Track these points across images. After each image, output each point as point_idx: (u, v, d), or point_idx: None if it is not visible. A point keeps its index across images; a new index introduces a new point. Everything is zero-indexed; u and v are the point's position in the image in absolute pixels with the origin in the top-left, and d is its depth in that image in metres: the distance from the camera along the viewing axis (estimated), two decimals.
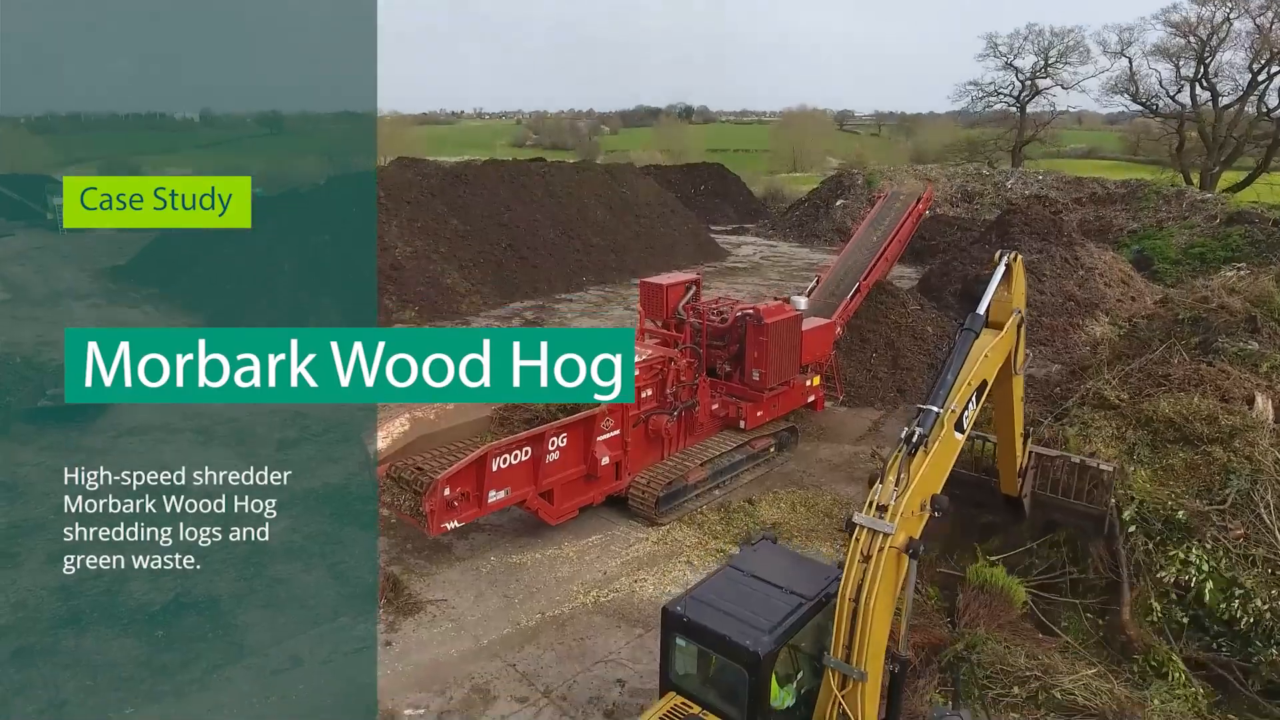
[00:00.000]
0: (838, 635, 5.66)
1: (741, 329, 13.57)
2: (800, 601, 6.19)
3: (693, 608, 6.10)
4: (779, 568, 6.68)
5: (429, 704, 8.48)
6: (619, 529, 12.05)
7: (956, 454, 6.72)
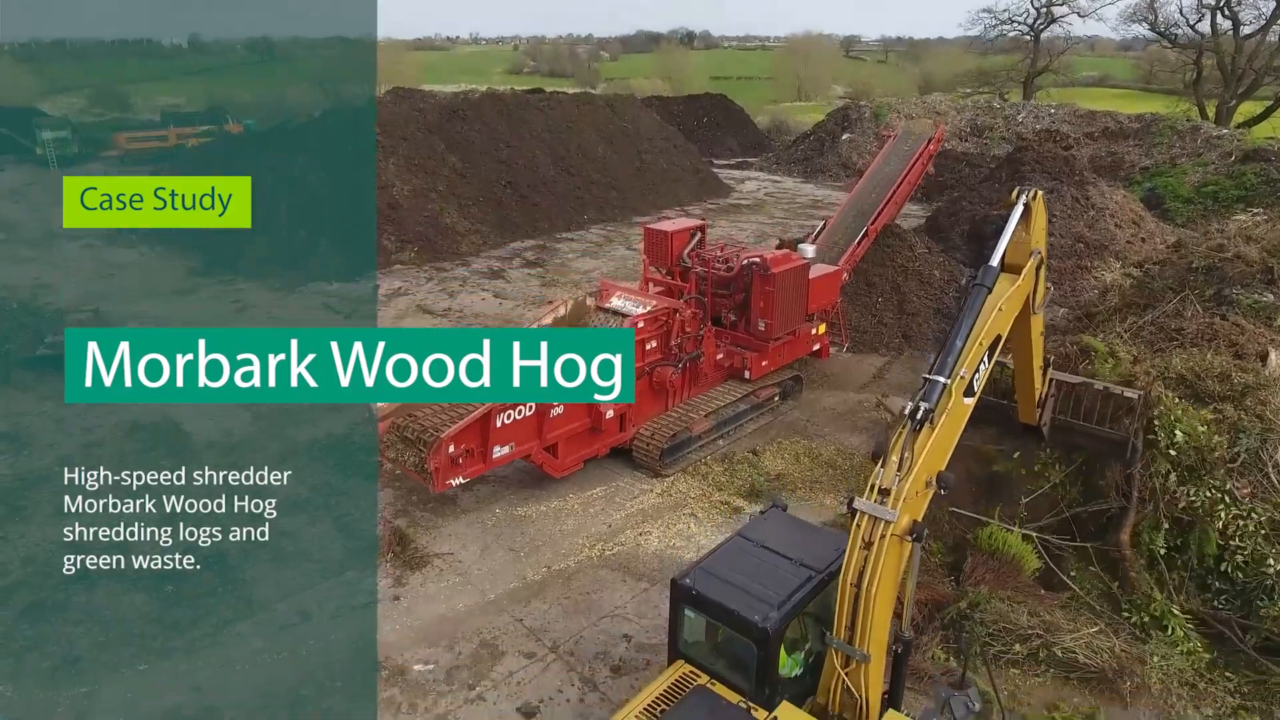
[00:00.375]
0: (840, 618, 5.65)
1: (747, 278, 13.33)
2: (809, 574, 6.18)
3: (702, 580, 6.09)
4: (789, 538, 6.64)
5: (438, 659, 8.60)
6: (623, 481, 12.07)
7: (965, 421, 6.58)
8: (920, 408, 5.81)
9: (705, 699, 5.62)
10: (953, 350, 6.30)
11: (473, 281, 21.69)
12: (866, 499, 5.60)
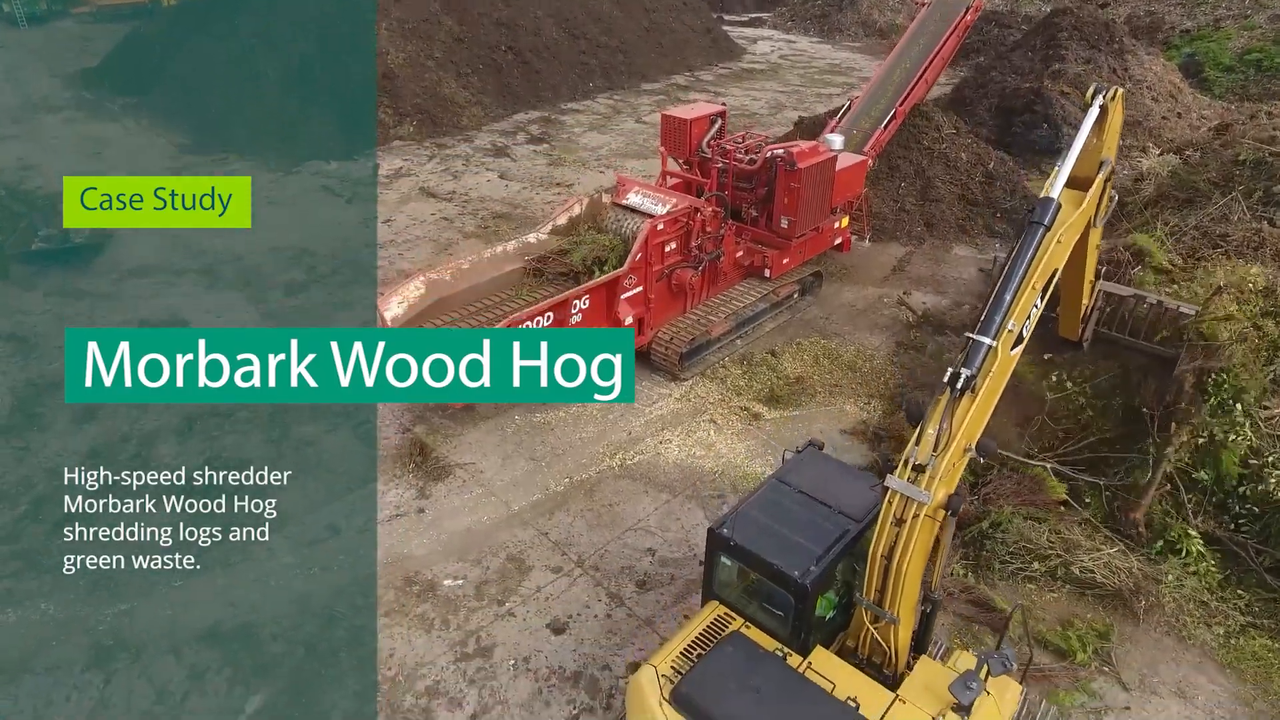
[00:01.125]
0: (870, 584, 5.61)
1: (771, 172, 12.68)
2: (848, 525, 6.12)
3: (740, 529, 6.03)
4: (826, 482, 6.55)
5: (466, 574, 8.77)
6: (641, 385, 11.95)
7: (1009, 374, 6.25)
8: (961, 375, 5.48)
9: (742, 645, 5.70)
10: (1001, 305, 5.84)
11: (476, 160, 20.78)
12: (899, 476, 5.39)
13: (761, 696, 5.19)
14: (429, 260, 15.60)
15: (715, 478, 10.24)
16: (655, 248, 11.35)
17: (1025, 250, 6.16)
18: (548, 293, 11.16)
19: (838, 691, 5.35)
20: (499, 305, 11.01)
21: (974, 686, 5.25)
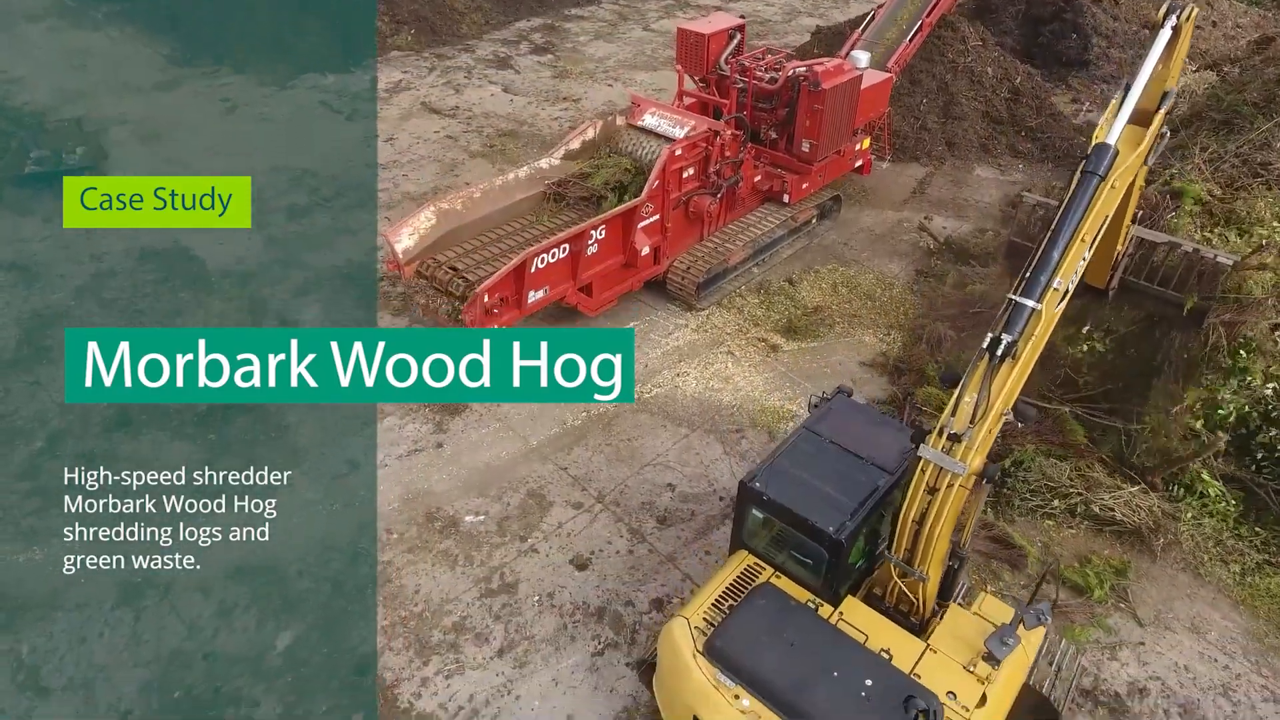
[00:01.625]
0: (899, 543, 5.56)
1: (793, 92, 12.11)
2: (880, 476, 6.04)
3: (772, 483, 5.97)
4: (856, 431, 6.45)
5: (488, 510, 8.80)
6: (657, 315, 11.77)
7: (1050, 332, 5.98)
8: (1002, 341, 5.24)
9: (773, 597, 5.71)
10: (1048, 264, 5.51)
11: (478, 72, 19.94)
12: (933, 446, 5.25)
13: (795, 649, 5.23)
14: (434, 181, 15.16)
15: (733, 411, 10.17)
16: (673, 174, 10.95)
17: (1078, 203, 5.78)
18: (568, 218, 10.84)
19: (870, 643, 5.39)
20: (513, 235, 10.70)
21: (1010, 642, 5.28)
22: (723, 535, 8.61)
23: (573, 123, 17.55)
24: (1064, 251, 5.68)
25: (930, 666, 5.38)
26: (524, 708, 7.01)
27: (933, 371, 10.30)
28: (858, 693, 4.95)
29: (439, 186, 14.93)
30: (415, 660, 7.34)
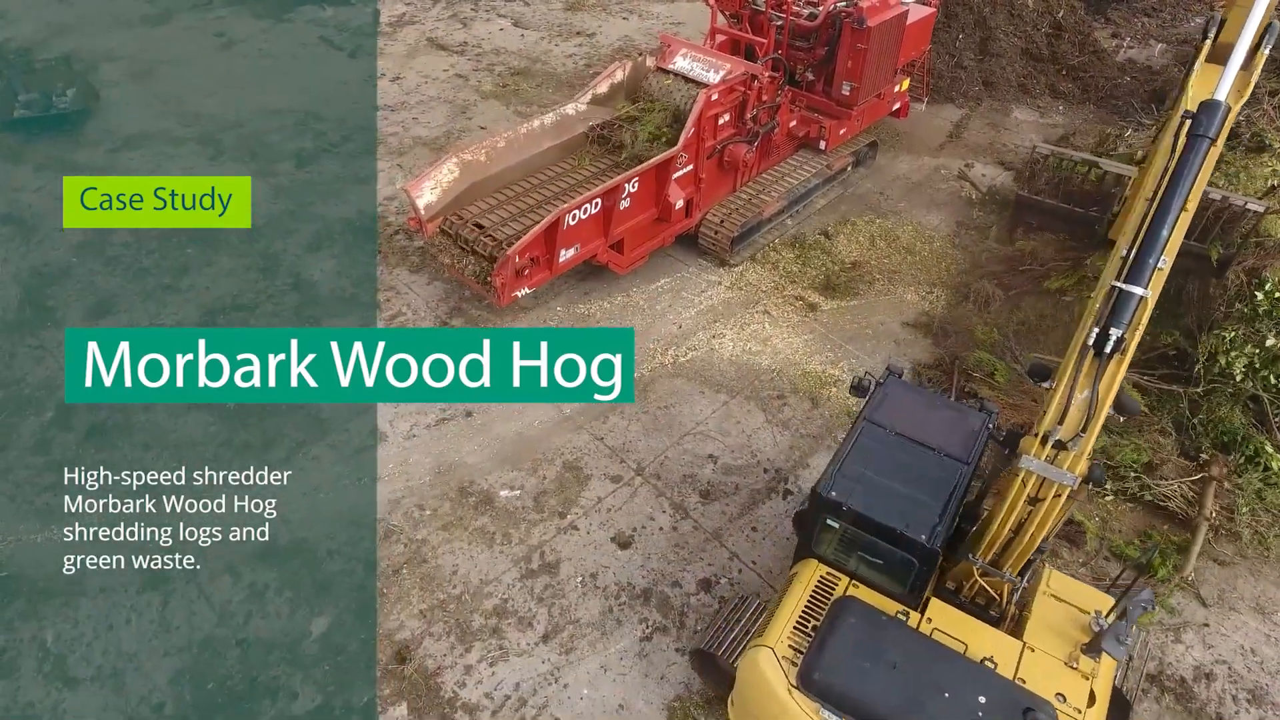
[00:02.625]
0: (988, 548, 5.17)
1: (834, 30, 11.30)
2: (956, 467, 5.63)
3: (848, 490, 5.46)
4: (919, 418, 5.98)
5: (523, 484, 8.43)
6: (689, 270, 11.22)
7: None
8: (1111, 335, 4.72)
9: (862, 614, 5.29)
10: (1155, 244, 4.90)
11: (485, 4, 18.82)
12: (1036, 455, 4.79)
13: (898, 670, 4.89)
14: (445, 125, 14.37)
15: (773, 376, 9.73)
16: (708, 121, 10.25)
17: (1186, 172, 5.11)
18: (612, 160, 10.31)
19: (970, 652, 5.06)
20: (539, 188, 10.07)
21: (1126, 641, 4.97)
22: (769, 510, 8.28)
23: (588, 59, 16.64)
24: (1172, 230, 5.12)
25: (1033, 668, 5.07)
26: (573, 696, 6.76)
27: (982, 334, 9.83)
28: (974, 711, 4.63)
29: (451, 131, 14.16)
30: (457, 647, 7.06)
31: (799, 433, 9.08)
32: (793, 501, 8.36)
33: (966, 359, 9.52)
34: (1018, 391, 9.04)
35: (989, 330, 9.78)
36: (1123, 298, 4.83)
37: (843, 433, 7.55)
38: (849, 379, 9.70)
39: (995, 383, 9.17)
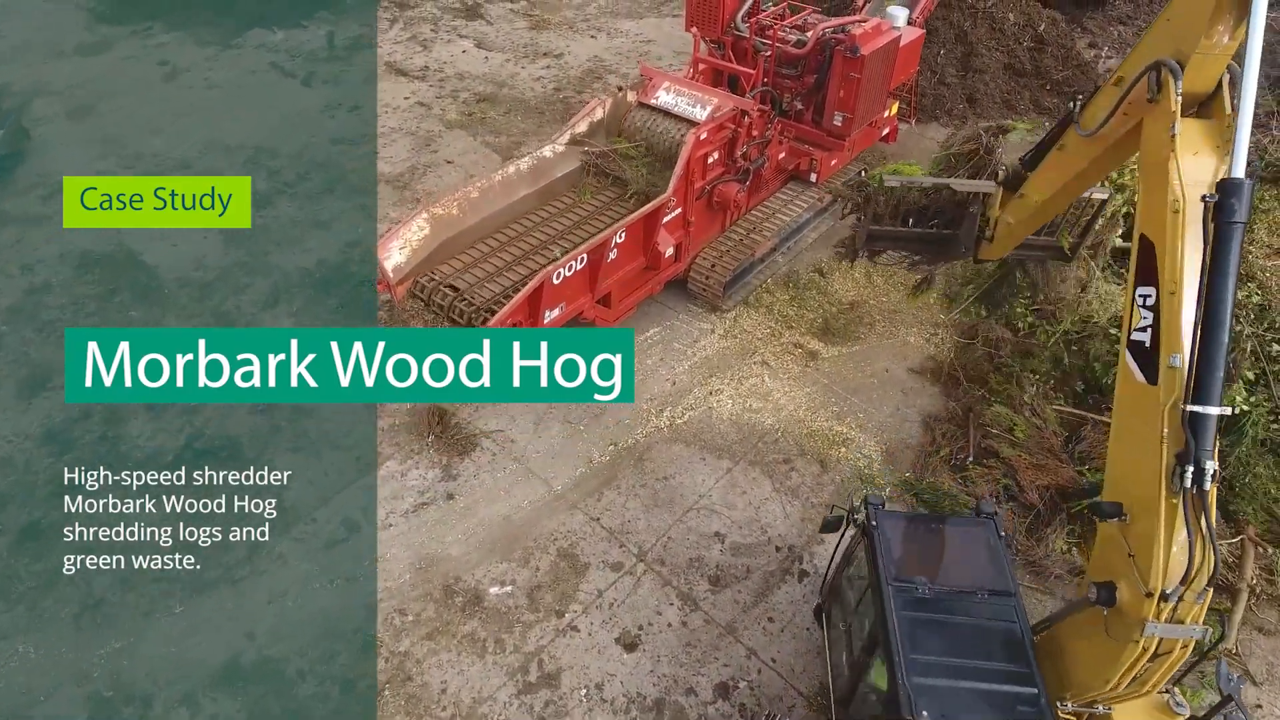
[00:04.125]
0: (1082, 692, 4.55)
1: (824, 58, 10.66)
2: (1011, 605, 4.98)
3: (929, 702, 4.68)
4: (933, 552, 5.33)
5: (514, 577, 7.66)
6: (678, 319, 10.51)
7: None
8: (1206, 468, 4.08)
9: None
10: (1218, 355, 4.15)
11: (445, 24, 17.94)
12: (1154, 616, 4.15)
13: None
14: (410, 159, 13.49)
15: (778, 437, 9.07)
16: (698, 162, 9.56)
17: (1228, 266, 4.22)
18: (614, 194, 9.88)
19: None
20: (517, 240, 9.29)
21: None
22: (784, 595, 7.61)
23: (557, 82, 15.86)
24: (1231, 330, 4.43)
25: None
26: None
27: (997, 383, 9.25)
28: None
29: (415, 165, 13.29)
30: None
31: (809, 502, 8.43)
32: (809, 584, 7.71)
33: (983, 413, 8.93)
34: (1040, 450, 8.48)
35: (1004, 380, 9.21)
36: (1201, 422, 4.16)
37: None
38: (857, 436, 9.15)
39: (1015, 439, 8.60)
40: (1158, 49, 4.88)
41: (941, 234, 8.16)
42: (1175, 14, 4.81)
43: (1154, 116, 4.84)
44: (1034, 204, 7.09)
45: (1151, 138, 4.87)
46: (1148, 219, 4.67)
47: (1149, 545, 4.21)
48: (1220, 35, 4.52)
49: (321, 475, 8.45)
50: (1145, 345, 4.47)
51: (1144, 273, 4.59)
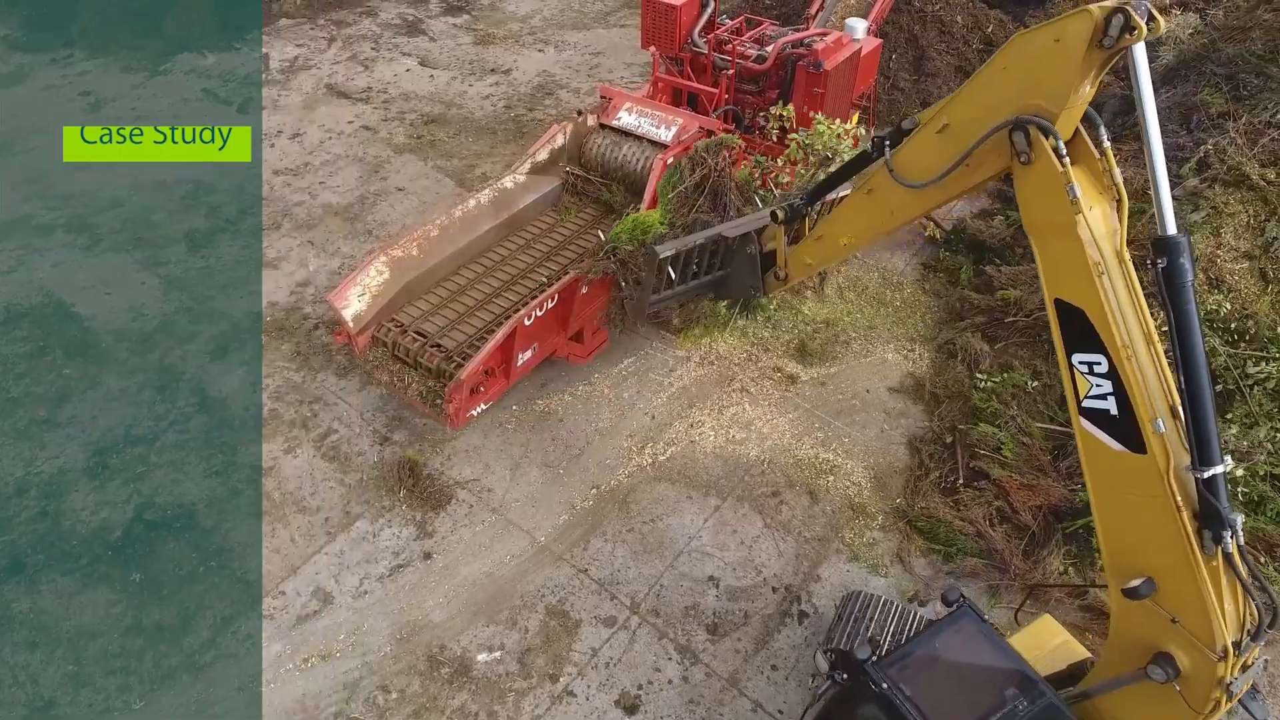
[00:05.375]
0: None
1: (785, 73, 10.44)
2: (1036, 688, 4.73)
3: None
4: (974, 687, 4.94)
5: (502, 641, 7.25)
6: (651, 347, 10.18)
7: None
8: (1234, 527, 3.90)
9: None
10: (1209, 413, 4.00)
11: (387, 42, 17.30)
12: (1232, 674, 4.00)
13: None
14: (358, 188, 12.89)
15: (764, 468, 8.81)
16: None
17: (1191, 323, 4.05)
18: (592, 213, 9.58)
19: None
20: (484, 278, 8.87)
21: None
22: (786, 640, 7.35)
23: (507, 100, 15.38)
24: (1212, 389, 4.25)
25: None
26: None
27: (979, 400, 9.12)
28: None
29: (365, 195, 12.71)
30: None
31: (802, 536, 8.18)
32: (809, 625, 7.45)
33: (969, 433, 8.79)
34: (1030, 469, 8.37)
35: (986, 397, 9.09)
36: (1213, 482, 4.00)
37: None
38: (844, 463, 8.94)
39: (1004, 458, 8.48)
40: (1001, 102, 4.51)
41: (724, 275, 7.73)
42: (1020, 66, 4.41)
43: (1032, 178, 4.46)
44: (840, 246, 6.45)
45: (1036, 200, 4.48)
46: (1059, 283, 4.36)
47: (1193, 608, 4.04)
48: (1085, 86, 4.24)
49: (287, 542, 7.92)
50: (1111, 414, 4.22)
51: (1076, 339, 4.31)
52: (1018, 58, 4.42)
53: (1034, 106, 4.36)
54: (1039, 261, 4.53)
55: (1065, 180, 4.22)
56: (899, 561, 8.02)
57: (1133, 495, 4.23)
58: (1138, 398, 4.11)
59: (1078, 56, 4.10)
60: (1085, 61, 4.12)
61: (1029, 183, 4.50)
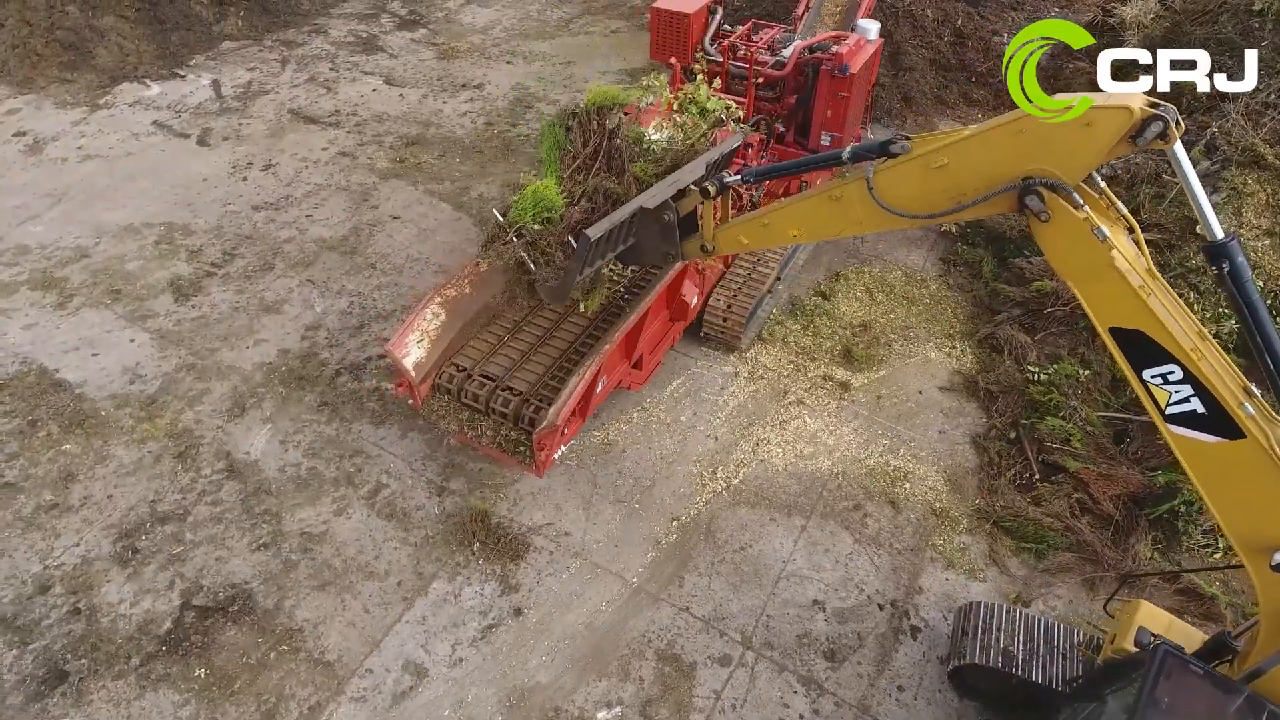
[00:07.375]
0: None
1: (806, 78, 10.28)
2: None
3: None
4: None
5: (619, 695, 6.83)
6: (696, 366, 9.87)
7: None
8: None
9: None
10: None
11: (345, 61, 16.42)
12: None
13: None
14: (349, 219, 12.14)
15: (840, 482, 8.62)
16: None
17: (1260, 309, 4.32)
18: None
19: None
20: (541, 311, 8.37)
21: None
22: (905, 657, 7.16)
23: (486, 116, 14.79)
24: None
25: None
26: None
27: (1036, 393, 9.13)
28: None
29: (358, 225, 11.98)
30: None
31: (894, 548, 8.02)
32: (924, 640, 7.29)
33: (1036, 427, 8.80)
34: (1103, 458, 8.43)
35: (1045, 389, 9.13)
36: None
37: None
38: (917, 469, 8.84)
39: (1076, 449, 8.51)
40: (1010, 160, 4.68)
41: (634, 243, 7.40)
42: (1039, 135, 4.53)
43: (1056, 233, 4.68)
44: (788, 236, 6.32)
45: (1068, 252, 4.71)
46: (1110, 314, 4.63)
47: None
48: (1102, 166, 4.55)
49: (361, 613, 7.29)
50: (1199, 413, 4.47)
51: (1141, 358, 4.59)
52: (1038, 128, 4.53)
53: (1044, 171, 4.59)
54: (1082, 300, 4.77)
55: (1090, 225, 4.51)
56: (993, 564, 7.95)
57: (1243, 481, 4.44)
58: (1221, 390, 4.38)
59: (1105, 146, 4.36)
60: (1111, 151, 4.39)
61: (1055, 238, 4.72)
